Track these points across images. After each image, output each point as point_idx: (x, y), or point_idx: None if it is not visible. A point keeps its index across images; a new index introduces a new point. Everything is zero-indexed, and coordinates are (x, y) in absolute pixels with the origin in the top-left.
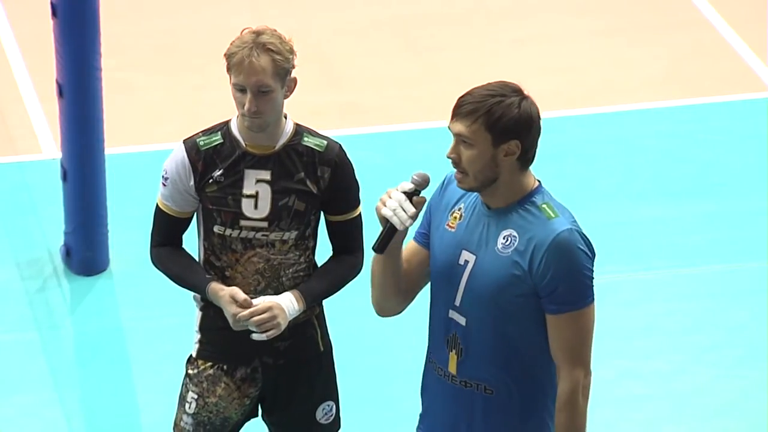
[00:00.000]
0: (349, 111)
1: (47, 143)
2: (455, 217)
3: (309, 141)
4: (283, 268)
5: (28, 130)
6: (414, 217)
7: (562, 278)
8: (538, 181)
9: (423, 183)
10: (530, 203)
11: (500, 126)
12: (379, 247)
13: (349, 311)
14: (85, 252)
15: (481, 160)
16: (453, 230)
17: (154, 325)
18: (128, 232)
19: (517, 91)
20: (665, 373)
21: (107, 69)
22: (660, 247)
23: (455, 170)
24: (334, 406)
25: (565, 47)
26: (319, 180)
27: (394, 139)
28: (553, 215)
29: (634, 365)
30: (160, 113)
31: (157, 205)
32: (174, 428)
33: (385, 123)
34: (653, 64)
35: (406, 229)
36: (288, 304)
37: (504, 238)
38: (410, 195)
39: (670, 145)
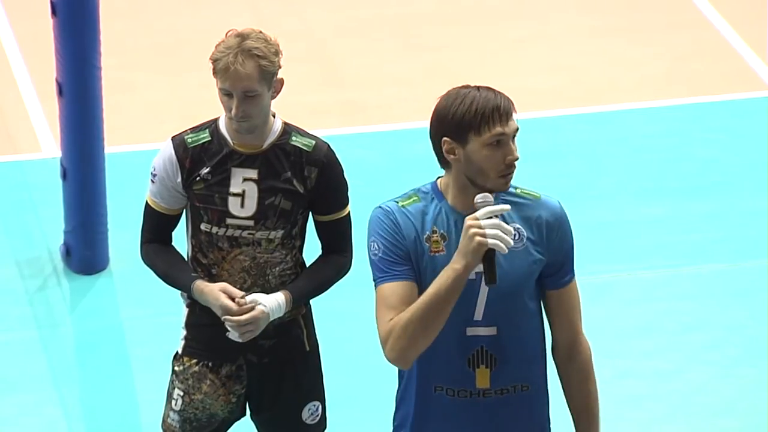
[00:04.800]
0: (349, 110)
1: (47, 142)
2: (436, 241)
3: (297, 141)
4: (270, 267)
5: (28, 128)
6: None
7: (570, 249)
8: None
9: (491, 202)
10: (506, 193)
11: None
12: (495, 277)
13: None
14: (85, 251)
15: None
16: (443, 253)
17: (154, 323)
18: (128, 232)
19: None
20: (665, 372)
21: (107, 68)
22: (660, 245)
23: (507, 176)
24: (320, 407)
25: (565, 46)
26: (306, 180)
27: (395, 139)
28: (537, 194)
29: (633, 364)
30: (160, 112)
31: (146, 201)
32: (162, 425)
33: (386, 122)
34: (653, 63)
35: None
36: (275, 306)
37: (512, 234)
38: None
39: (671, 144)
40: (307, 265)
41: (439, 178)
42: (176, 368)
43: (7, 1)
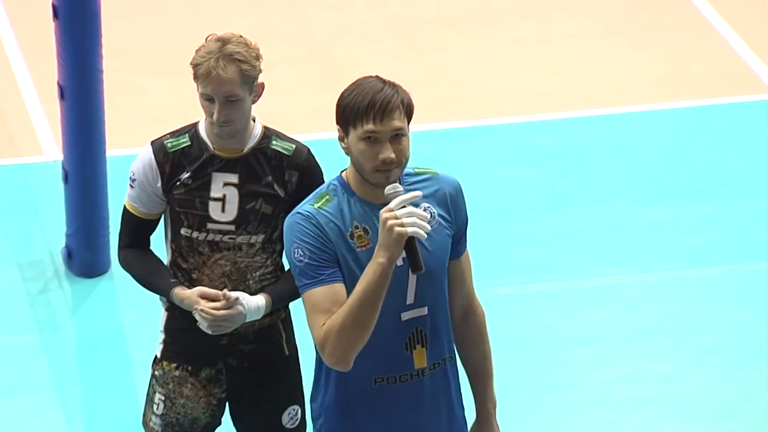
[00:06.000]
0: None
1: (48, 145)
2: (360, 236)
3: (277, 144)
4: (250, 271)
5: (30, 131)
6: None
7: (467, 218)
8: None
9: (398, 190)
10: (407, 176)
11: (410, 110)
12: (421, 264)
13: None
14: (86, 254)
15: (409, 146)
16: (370, 246)
17: (155, 327)
18: None
19: None
20: (666, 375)
21: (109, 71)
22: (661, 248)
23: (384, 172)
24: (300, 411)
25: (565, 48)
26: (287, 184)
27: None
28: (435, 171)
29: (635, 367)
30: (162, 115)
31: (124, 206)
32: (144, 426)
33: None
34: (653, 66)
35: None
36: (254, 308)
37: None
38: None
39: (671, 146)
40: (286, 268)
41: (343, 170)
42: (156, 372)
43: (8, 3)
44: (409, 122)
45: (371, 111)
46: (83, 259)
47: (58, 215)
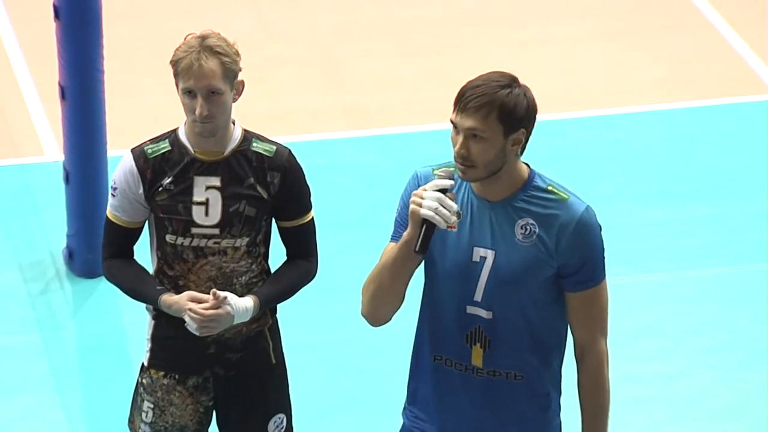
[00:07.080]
0: (352, 114)
1: (50, 145)
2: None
3: (258, 146)
4: (236, 276)
5: (31, 132)
6: (457, 214)
7: (589, 255)
8: (527, 164)
9: (450, 177)
10: (534, 188)
11: (513, 117)
12: (422, 247)
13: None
14: (88, 254)
15: (493, 151)
16: (455, 229)
17: None
18: None
19: (516, 81)
20: (667, 376)
21: (110, 71)
22: (661, 249)
23: (454, 164)
24: (286, 419)
25: (566, 50)
26: (269, 185)
27: (398, 142)
28: (565, 196)
29: (635, 368)
30: (163, 116)
31: (107, 216)
32: None
33: (389, 125)
34: (654, 67)
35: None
36: (242, 309)
37: (522, 228)
38: (443, 191)
39: (672, 147)
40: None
41: None
42: (144, 381)
43: (9, 4)
44: (511, 128)
45: (457, 102)
46: (84, 259)
47: (59, 216)
